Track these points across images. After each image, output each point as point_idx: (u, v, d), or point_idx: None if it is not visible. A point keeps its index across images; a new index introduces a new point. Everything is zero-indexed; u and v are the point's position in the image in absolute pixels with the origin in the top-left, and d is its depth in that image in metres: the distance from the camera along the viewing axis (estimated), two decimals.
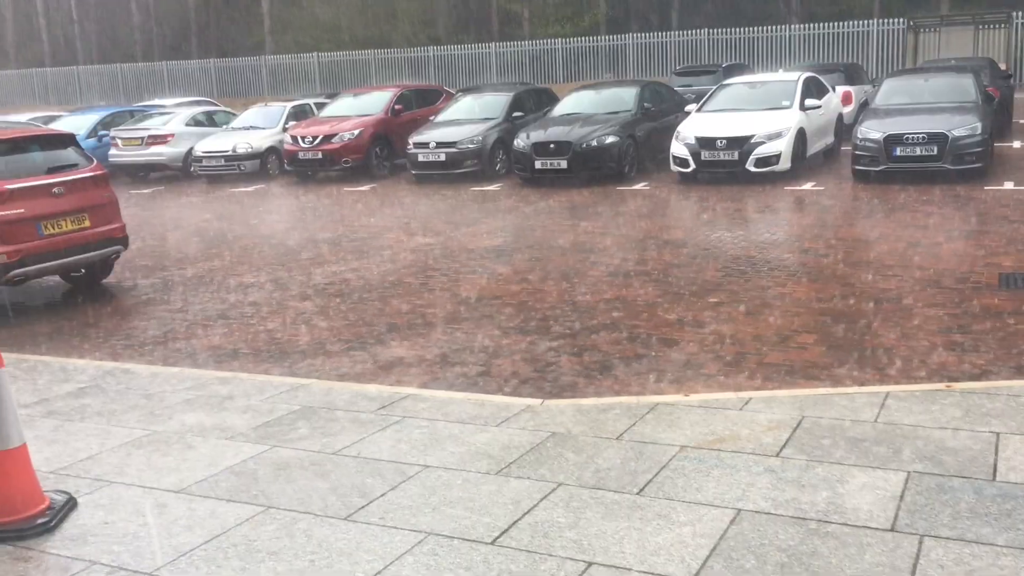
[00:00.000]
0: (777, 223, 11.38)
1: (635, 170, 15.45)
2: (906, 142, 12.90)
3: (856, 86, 18.87)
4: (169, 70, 36.07)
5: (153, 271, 10.31)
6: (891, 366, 5.78)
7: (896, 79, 15.45)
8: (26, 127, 10.25)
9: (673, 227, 11.47)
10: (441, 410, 5.15)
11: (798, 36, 27.16)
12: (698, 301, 7.64)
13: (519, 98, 18.10)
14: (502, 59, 31.15)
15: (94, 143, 19.83)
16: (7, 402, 3.85)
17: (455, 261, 9.88)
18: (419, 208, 14.10)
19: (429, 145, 16.71)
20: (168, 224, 14.01)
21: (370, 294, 8.61)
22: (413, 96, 20.02)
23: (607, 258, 9.60)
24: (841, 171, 14.68)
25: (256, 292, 8.98)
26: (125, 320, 8.33)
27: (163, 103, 25.51)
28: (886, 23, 26.21)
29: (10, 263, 8.13)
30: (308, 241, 11.80)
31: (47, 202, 8.44)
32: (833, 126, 16.13)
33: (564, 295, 8.12)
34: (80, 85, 37.56)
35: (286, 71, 34.23)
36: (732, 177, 14.18)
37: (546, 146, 15.17)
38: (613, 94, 17.09)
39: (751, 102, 15.00)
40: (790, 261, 9.01)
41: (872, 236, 10.04)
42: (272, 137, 19.26)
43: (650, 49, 29.41)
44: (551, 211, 12.96)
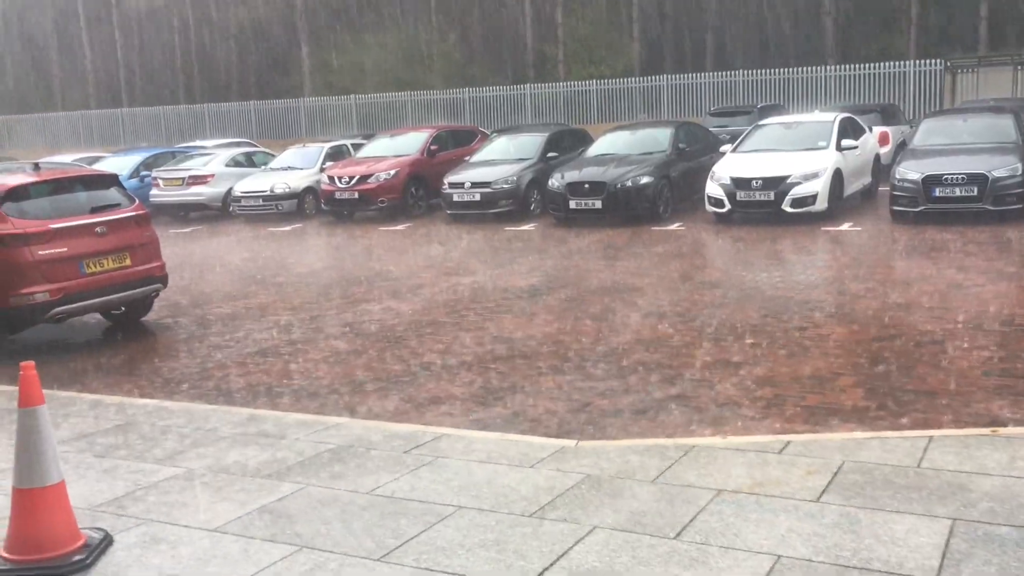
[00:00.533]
0: (814, 264, 11.28)
1: (670, 210, 15.43)
2: (945, 183, 12.77)
3: (893, 127, 18.77)
4: (210, 112, 36.78)
5: (191, 309, 10.42)
6: (933, 410, 5.67)
7: (934, 119, 15.34)
8: (71, 168, 10.47)
9: (709, 268, 11.41)
10: (475, 450, 5.12)
11: (834, 77, 27.10)
12: (735, 342, 7.56)
13: (554, 138, 18.21)
14: (537, 100, 31.40)
15: (136, 183, 20.21)
16: (47, 439, 3.89)
17: (490, 301, 9.89)
18: (454, 248, 14.17)
19: (464, 185, 16.83)
20: (206, 263, 14.19)
21: (404, 333, 8.63)
22: (449, 137, 20.21)
23: (642, 298, 9.56)
24: (879, 212, 14.55)
25: (291, 330, 9.04)
26: (163, 358, 8.41)
27: (204, 144, 25.98)
28: (923, 64, 26.09)
29: (53, 301, 8.26)
30: (343, 280, 11.88)
31: (90, 241, 8.59)
32: (870, 166, 16.02)
33: (599, 335, 8.08)
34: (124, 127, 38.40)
35: (324, 113, 34.75)
36: (768, 217, 14.10)
37: (581, 186, 15.21)
38: (648, 134, 17.13)
39: (787, 143, 14.95)
40: (828, 302, 8.91)
41: (912, 277, 9.91)
42: (309, 177, 19.51)
43: (684, 90, 29.50)
44: (586, 251, 12.96)
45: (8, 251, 8.08)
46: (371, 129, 30.53)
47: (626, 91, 30.54)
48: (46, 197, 8.65)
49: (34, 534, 3.84)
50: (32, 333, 9.04)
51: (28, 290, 8.12)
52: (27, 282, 8.12)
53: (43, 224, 8.28)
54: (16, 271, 8.09)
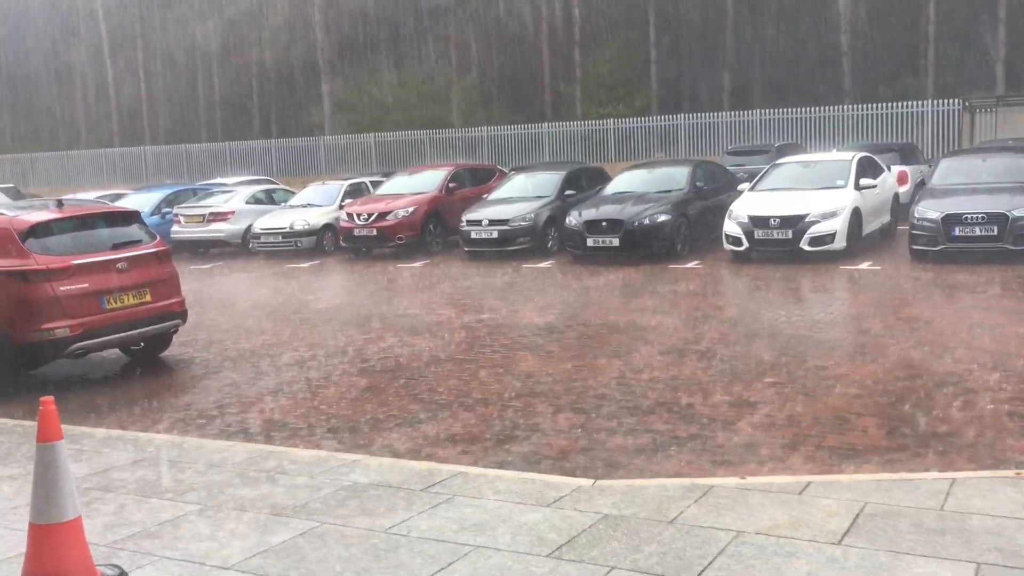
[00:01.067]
0: (833, 303, 11.21)
1: (687, 249, 15.42)
2: (965, 222, 12.71)
3: (912, 166, 18.74)
4: (232, 150, 37.21)
5: (210, 345, 10.46)
6: (956, 452, 5.59)
7: (953, 159, 15.31)
8: (93, 204, 10.60)
9: (727, 306, 11.37)
10: (491, 489, 5.09)
11: (851, 116, 27.14)
12: (754, 381, 7.50)
13: (571, 176, 18.28)
14: (555, 138, 31.58)
15: (158, 220, 20.42)
16: (64, 474, 3.89)
17: (507, 338, 9.88)
18: (471, 285, 14.19)
19: (482, 222, 16.90)
20: (226, 298, 14.27)
21: (422, 370, 8.62)
22: (467, 174, 20.34)
23: (660, 336, 9.52)
24: (898, 251, 14.49)
25: (309, 367, 9.05)
26: (181, 394, 8.43)
27: (225, 182, 26.24)
28: (941, 104, 26.10)
29: (73, 336, 8.32)
30: (361, 317, 11.91)
31: (111, 277, 8.66)
32: (889, 205, 15.99)
33: (616, 373, 8.04)
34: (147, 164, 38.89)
35: (344, 150, 35.07)
36: (786, 256, 14.07)
37: (598, 224, 15.23)
38: (665, 173, 17.18)
39: (805, 181, 14.95)
40: (848, 342, 8.84)
41: (932, 317, 9.83)
42: (329, 214, 19.65)
43: (702, 129, 29.61)
44: (603, 289, 12.95)
45: (30, 287, 8.16)
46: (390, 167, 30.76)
47: (643, 130, 30.69)
48: (68, 233, 8.75)
49: (51, 570, 3.83)
50: (51, 368, 9.10)
51: (49, 325, 8.18)
52: (48, 318, 8.18)
53: (65, 260, 8.36)
54: (37, 306, 8.16)
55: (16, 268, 8.18)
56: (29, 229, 8.40)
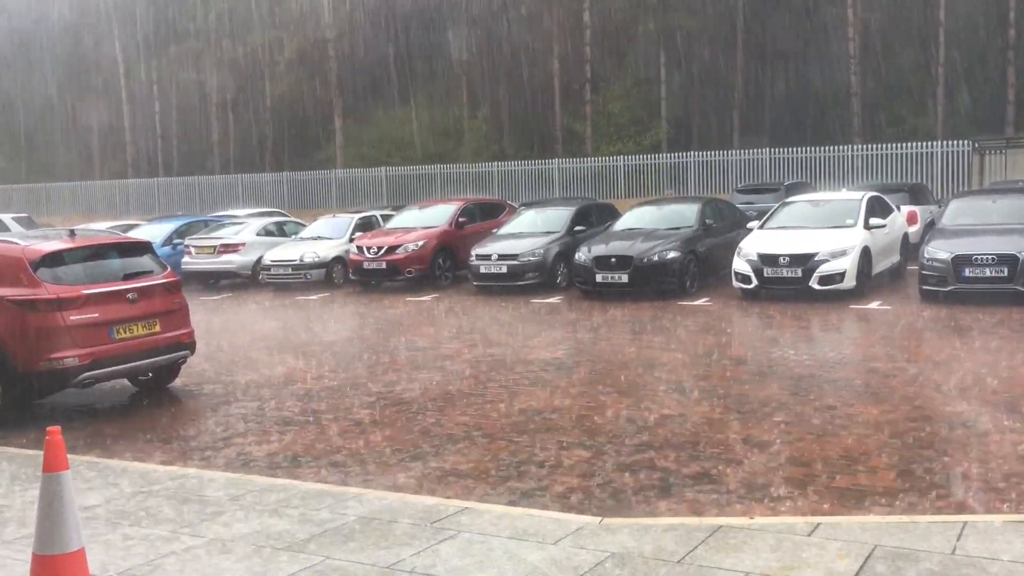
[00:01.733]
0: (843, 342, 11.17)
1: (696, 286, 15.41)
2: (975, 263, 12.68)
3: (921, 206, 18.72)
4: (244, 182, 37.48)
5: (218, 376, 10.46)
6: (968, 494, 5.53)
7: (963, 200, 15.31)
8: (105, 235, 10.67)
9: (736, 344, 11.33)
10: (497, 525, 5.05)
11: (861, 156, 27.20)
12: (763, 420, 7.46)
13: (581, 212, 18.33)
14: (565, 175, 31.72)
15: (169, 251, 20.51)
16: (68, 505, 3.88)
17: (514, 373, 9.85)
18: (480, 319, 14.19)
19: (491, 257, 16.93)
20: (234, 330, 14.29)
21: (429, 404, 8.59)
22: (477, 209, 20.42)
23: (668, 374, 9.49)
24: (908, 291, 14.45)
25: (316, 400, 9.04)
26: (188, 424, 8.42)
27: (236, 213, 26.39)
28: (950, 144, 26.15)
29: (82, 366, 8.32)
30: (369, 350, 11.91)
31: (121, 307, 8.69)
32: (899, 245, 15.96)
33: (624, 410, 8.00)
34: (159, 196, 39.18)
35: (355, 184, 35.28)
36: (795, 294, 14.04)
37: (607, 260, 15.25)
38: (675, 210, 17.22)
39: (814, 220, 14.95)
40: (858, 381, 8.79)
41: (943, 357, 9.77)
42: (339, 247, 19.72)
43: (711, 167, 29.71)
44: (612, 325, 12.93)
45: (40, 316, 8.19)
46: (401, 200, 30.92)
47: (653, 167, 30.83)
48: (80, 263, 8.80)
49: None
50: (59, 397, 9.11)
51: (58, 355, 8.20)
52: (58, 347, 8.20)
53: (76, 290, 8.40)
54: (47, 336, 8.19)
55: (27, 297, 8.22)
56: (41, 258, 8.46)
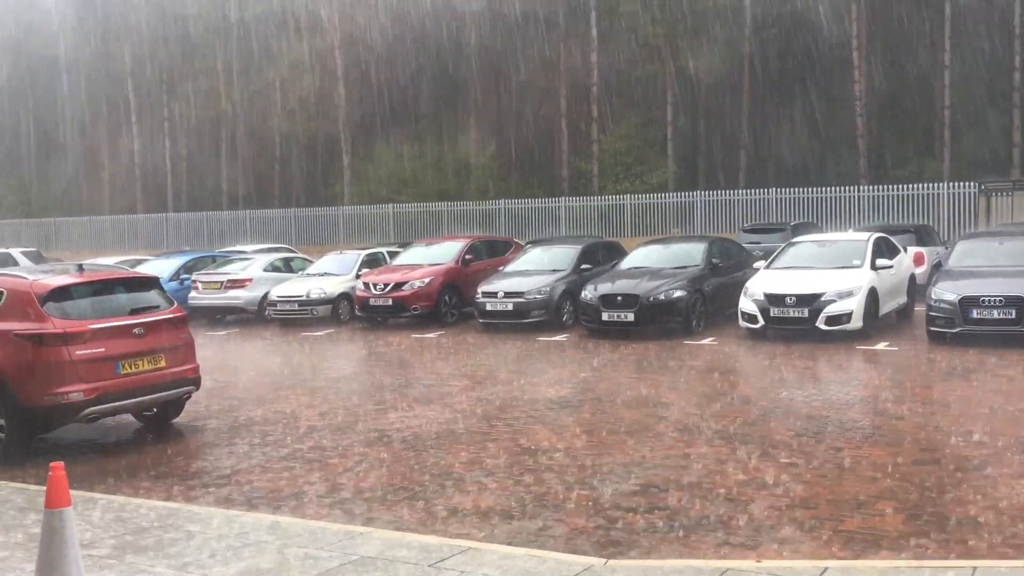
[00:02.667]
0: (850, 383, 11.11)
1: (702, 325, 15.38)
2: (983, 304, 12.65)
3: (928, 247, 18.74)
4: (252, 218, 37.68)
5: (222, 412, 10.44)
6: (977, 539, 5.46)
7: (970, 241, 15.30)
8: (113, 270, 10.72)
9: (742, 384, 11.28)
10: (501, 565, 5.00)
11: (867, 197, 27.25)
12: (770, 461, 7.40)
13: (587, 251, 18.36)
14: (572, 213, 31.84)
15: (176, 286, 20.57)
16: (70, 542, 3.86)
17: (519, 411, 9.81)
18: (485, 357, 14.16)
19: (497, 294, 16.94)
20: (240, 366, 14.28)
21: (433, 442, 8.55)
22: (483, 246, 20.47)
23: (674, 413, 9.44)
24: (915, 332, 14.40)
25: (320, 436, 9.00)
26: (191, 460, 8.39)
27: (244, 249, 26.51)
28: (957, 186, 26.20)
29: (87, 400, 8.31)
30: (374, 387, 11.88)
31: (127, 342, 8.70)
32: (905, 286, 15.94)
33: (630, 450, 7.95)
34: (168, 231, 39.40)
35: (362, 220, 35.45)
36: (802, 335, 13.99)
37: (613, 298, 15.24)
38: (681, 249, 17.24)
39: (821, 260, 14.95)
40: (865, 423, 8.73)
41: (951, 399, 9.71)
42: (345, 283, 19.76)
43: (718, 206, 29.79)
44: (617, 364, 12.89)
45: (47, 350, 8.20)
46: (408, 237, 31.02)
47: (660, 206, 30.92)
48: (88, 298, 8.83)
49: None
50: (63, 432, 9.09)
51: (63, 389, 8.20)
52: (63, 381, 8.20)
53: (83, 324, 8.42)
54: (53, 370, 8.19)
55: (34, 331, 8.24)
56: (49, 293, 8.49)
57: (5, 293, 8.55)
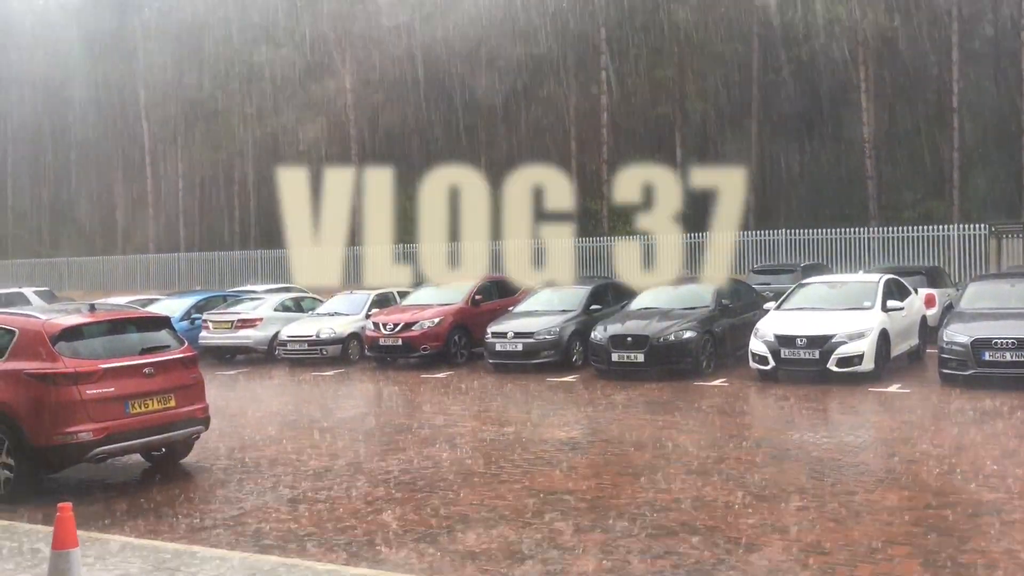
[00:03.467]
0: (862, 425, 11.02)
1: (713, 366, 15.31)
2: (995, 347, 12.57)
3: (939, 289, 18.66)
4: (263, 258, 37.85)
5: (231, 452, 10.41)
6: None
7: (981, 283, 15.26)
8: (125, 309, 10.77)
9: (753, 426, 11.20)
10: None
11: (877, 238, 27.23)
12: (781, 505, 7.32)
13: (597, 291, 18.36)
14: (581, 253, 31.88)
15: (187, 325, 20.61)
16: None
17: (529, 452, 9.75)
18: (495, 397, 14.12)
19: (507, 335, 16.92)
20: (249, 405, 14.26)
21: (442, 483, 8.50)
22: (493, 287, 20.50)
23: (684, 456, 9.37)
24: (927, 374, 14.30)
25: (328, 478, 8.96)
26: (199, 502, 8.35)
27: (255, 289, 26.59)
28: (967, 228, 26.17)
29: (96, 440, 8.31)
30: (383, 427, 11.84)
31: (137, 381, 8.71)
32: (917, 328, 15.85)
33: (640, 493, 7.88)
34: (180, 271, 39.60)
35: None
36: (813, 376, 13.91)
37: (623, 339, 15.20)
38: (691, 290, 17.22)
39: (831, 302, 14.91)
40: (878, 466, 8.64)
41: (965, 443, 9.62)
42: (355, 323, 19.77)
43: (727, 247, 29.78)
44: (627, 405, 12.83)
45: (57, 390, 8.22)
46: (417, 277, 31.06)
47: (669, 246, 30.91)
48: (99, 337, 8.87)
49: None
50: (71, 471, 9.07)
51: (72, 429, 8.20)
52: (73, 421, 8.20)
53: (93, 364, 8.44)
54: (63, 410, 8.20)
55: (45, 371, 8.26)
56: (60, 332, 8.53)
57: (17, 332, 8.60)
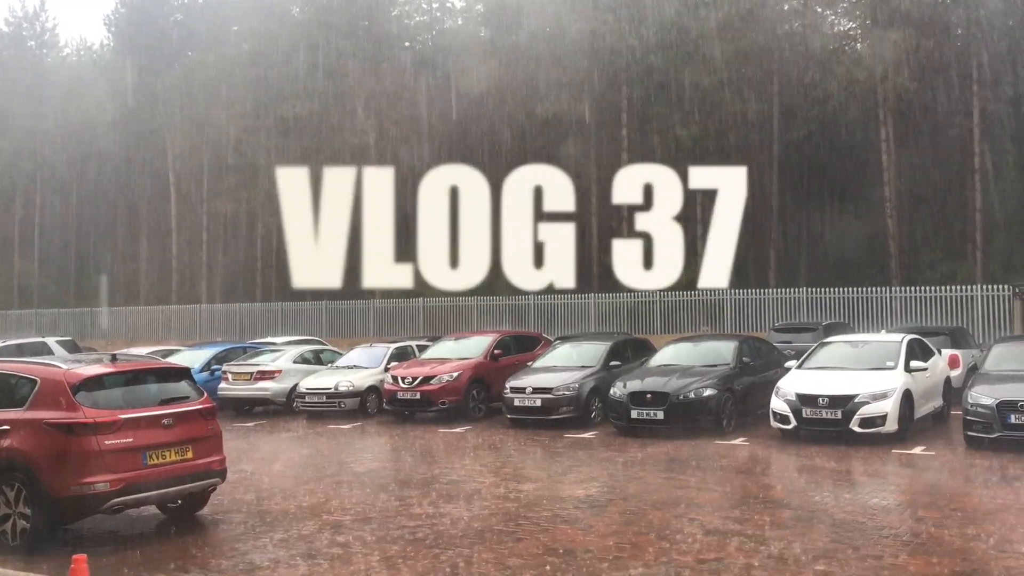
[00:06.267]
0: (886, 488, 10.83)
1: (733, 424, 15.14)
2: (1021, 409, 12.36)
3: (963, 350, 18.45)
4: (284, 311, 38.06)
5: (247, 505, 10.35)
6: None
7: (1006, 344, 15.09)
8: (146, 360, 10.83)
9: (774, 487, 11.04)
10: None
11: (900, 298, 27.03)
12: (804, 569, 7.18)
13: (616, 347, 18.28)
14: (601, 309, 31.85)
15: (207, 376, 20.66)
16: None
17: (546, 510, 9.64)
18: (512, 453, 14.01)
19: (525, 390, 16.84)
20: (267, 458, 14.21)
21: (458, 540, 8.40)
22: (512, 341, 20.45)
23: (704, 516, 9.22)
24: (952, 436, 14.07)
25: (344, 533, 8.88)
26: (214, 555, 8.29)
27: (275, 341, 26.68)
28: (990, 289, 25.95)
29: (112, 491, 8.29)
30: (400, 482, 11.75)
31: (156, 432, 8.71)
32: (940, 389, 15.64)
33: (659, 553, 7.76)
34: (201, 322, 39.86)
35: (392, 314, 35.66)
36: (835, 437, 13.71)
37: (643, 396, 15.09)
38: (711, 347, 17.11)
39: (854, 361, 14.76)
40: (903, 530, 8.48)
41: (991, 507, 9.42)
42: (374, 376, 19.76)
43: (748, 305, 29.65)
44: (646, 463, 12.68)
45: (76, 440, 8.24)
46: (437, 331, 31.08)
47: (689, 303, 30.85)
48: (119, 387, 8.91)
49: None
50: (86, 522, 9.04)
51: (90, 480, 8.19)
52: (90, 472, 8.20)
53: (113, 414, 8.46)
54: (81, 460, 8.20)
55: (64, 420, 8.29)
56: (81, 382, 8.57)
57: (39, 382, 8.65)
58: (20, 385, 8.79)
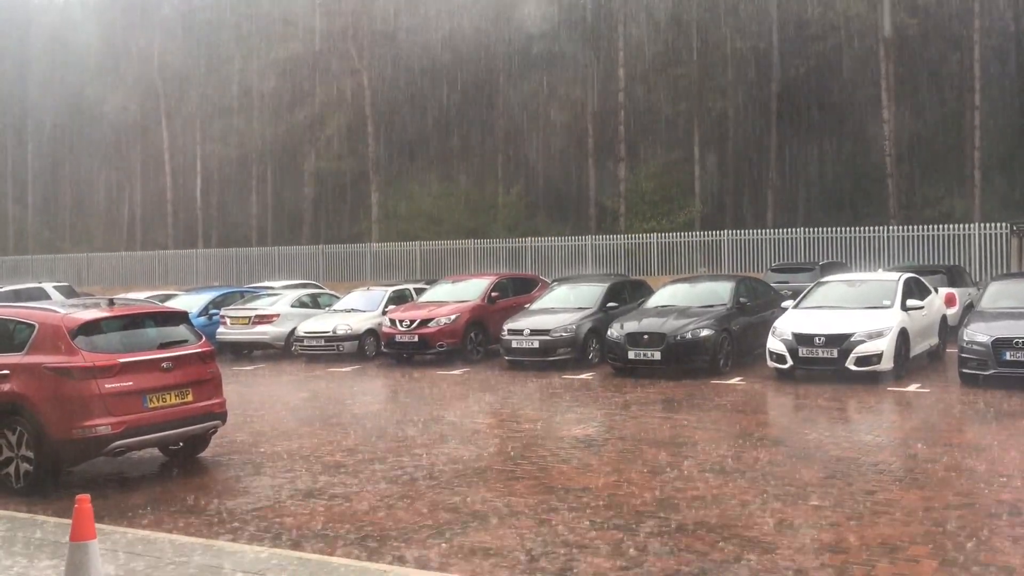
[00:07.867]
0: (881, 425, 10.94)
1: (730, 364, 15.24)
2: (1016, 346, 12.45)
3: (959, 288, 18.50)
4: (281, 254, 38.01)
5: (248, 447, 10.45)
6: None
7: (1002, 282, 15.12)
8: (143, 304, 10.82)
9: (770, 424, 11.14)
10: None
11: (897, 237, 27.02)
12: (799, 503, 7.28)
13: (614, 288, 18.31)
14: (598, 251, 31.84)
15: (205, 321, 20.71)
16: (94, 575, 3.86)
17: (544, 450, 9.74)
18: (511, 395, 14.11)
19: (523, 332, 16.91)
20: (266, 400, 14.32)
21: (457, 480, 8.50)
22: (510, 284, 20.47)
23: (700, 454, 9.33)
24: (947, 373, 14.18)
25: (344, 474, 8.98)
26: (216, 496, 8.39)
27: (272, 285, 26.69)
28: (987, 227, 25.95)
29: (114, 434, 8.36)
30: (399, 423, 11.86)
31: (155, 376, 8.76)
32: (937, 327, 15.73)
33: (655, 491, 7.86)
34: (198, 266, 39.82)
35: (389, 257, 35.64)
36: (831, 375, 13.82)
37: (640, 337, 15.16)
38: (708, 288, 17.15)
39: (850, 300, 14.81)
40: (897, 466, 8.58)
41: (985, 443, 9.53)
42: (371, 320, 19.81)
43: (745, 245, 29.65)
44: (643, 403, 12.79)
45: (76, 384, 8.27)
46: (435, 274, 31.10)
47: (687, 245, 30.83)
48: (117, 332, 8.92)
49: None
50: (88, 465, 9.13)
51: (91, 423, 8.25)
52: (91, 415, 8.26)
53: (112, 358, 8.49)
54: (82, 404, 8.25)
55: (64, 364, 8.32)
56: (80, 327, 8.58)
57: (37, 326, 8.66)
58: (19, 330, 8.80)
